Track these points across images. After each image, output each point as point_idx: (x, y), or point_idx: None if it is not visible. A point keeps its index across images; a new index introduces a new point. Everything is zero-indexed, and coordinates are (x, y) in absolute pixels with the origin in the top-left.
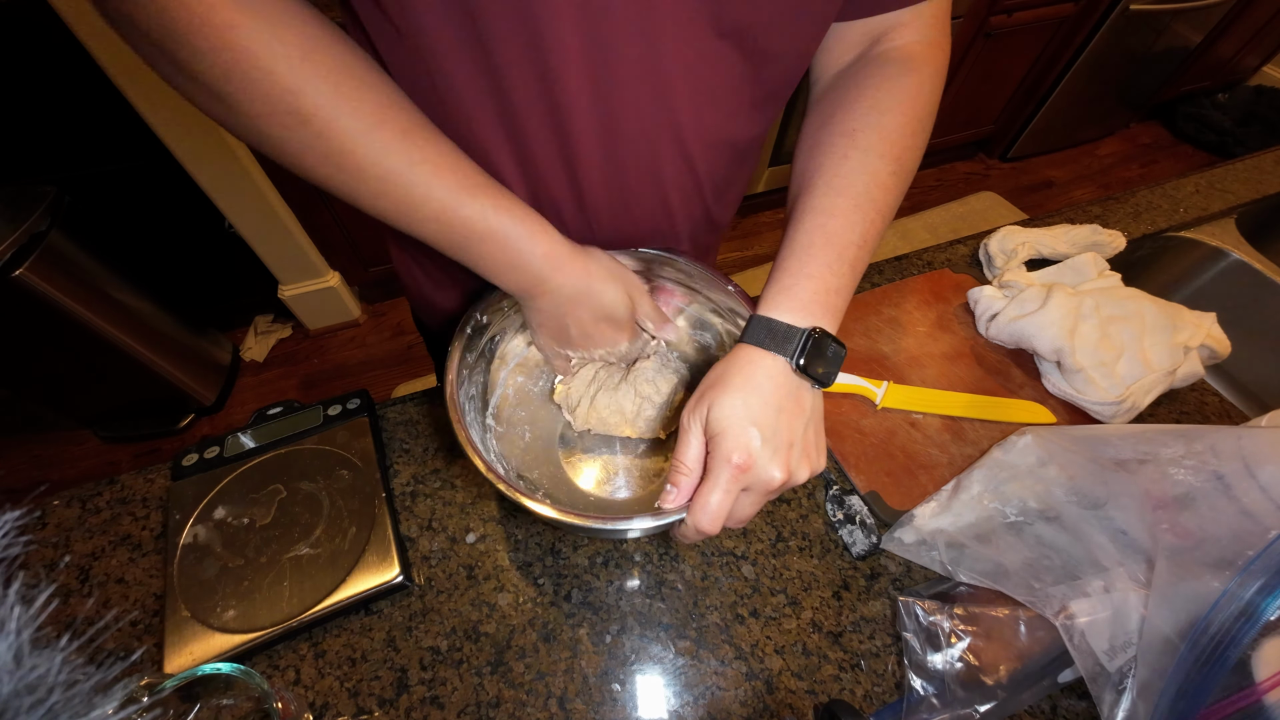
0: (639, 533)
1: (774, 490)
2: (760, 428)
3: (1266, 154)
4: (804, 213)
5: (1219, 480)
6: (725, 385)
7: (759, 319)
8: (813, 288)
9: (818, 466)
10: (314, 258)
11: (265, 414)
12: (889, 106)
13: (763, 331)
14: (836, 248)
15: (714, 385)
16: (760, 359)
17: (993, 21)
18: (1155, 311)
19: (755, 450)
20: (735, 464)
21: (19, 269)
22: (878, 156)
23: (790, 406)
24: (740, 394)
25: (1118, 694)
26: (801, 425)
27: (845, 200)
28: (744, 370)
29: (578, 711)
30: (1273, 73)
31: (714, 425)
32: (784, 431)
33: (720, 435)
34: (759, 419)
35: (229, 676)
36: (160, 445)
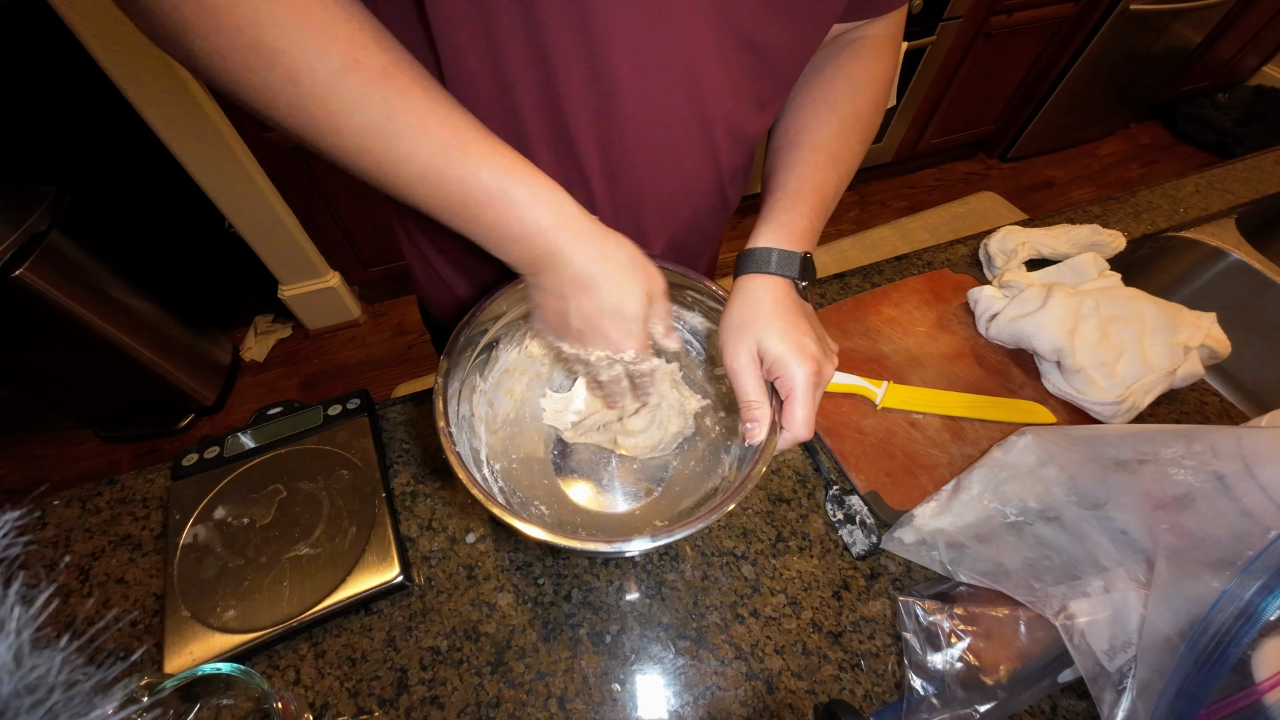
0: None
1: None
2: (809, 336)
3: (1266, 154)
4: (793, 164)
5: (1219, 480)
6: (759, 315)
7: (762, 250)
8: (802, 225)
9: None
10: (314, 258)
11: (265, 414)
12: (863, 85)
13: (768, 259)
14: (818, 196)
15: (747, 320)
16: (773, 283)
17: (993, 21)
18: (1155, 311)
19: (817, 354)
20: (810, 373)
21: (19, 269)
22: (851, 125)
23: (808, 313)
24: (778, 319)
25: (1117, 694)
26: (818, 325)
27: (824, 157)
28: (765, 296)
29: (578, 711)
30: (1273, 73)
31: (772, 352)
32: (814, 329)
33: (786, 359)
34: (804, 329)
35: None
36: (160, 445)
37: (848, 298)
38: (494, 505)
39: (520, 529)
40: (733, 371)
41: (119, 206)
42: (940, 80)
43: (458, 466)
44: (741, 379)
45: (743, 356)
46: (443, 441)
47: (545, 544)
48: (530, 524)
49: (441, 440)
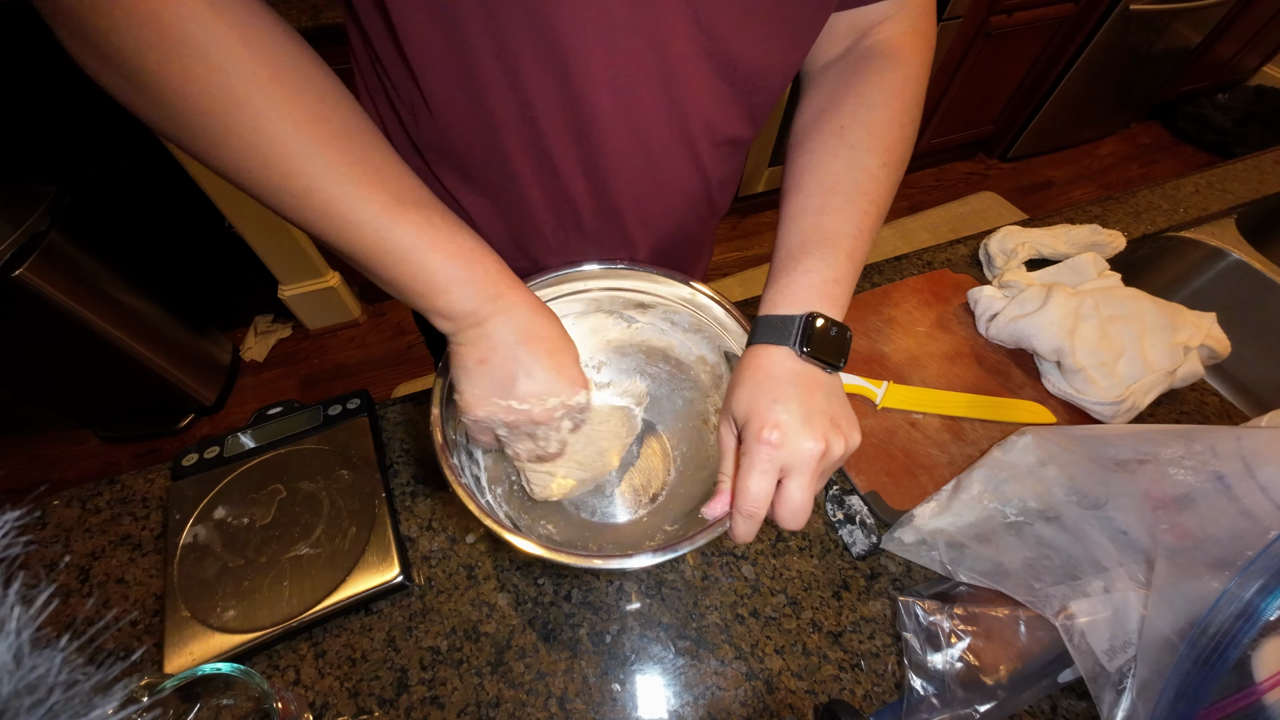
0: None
1: (815, 463)
2: (781, 402)
3: (1266, 154)
4: (797, 212)
5: (1219, 480)
6: (740, 383)
7: (759, 319)
8: (808, 281)
9: (852, 439)
10: (314, 258)
11: (265, 414)
12: (876, 102)
13: (764, 329)
14: (830, 242)
15: (731, 394)
16: (766, 352)
17: (993, 21)
18: (1155, 311)
19: (784, 422)
20: (766, 441)
21: (19, 269)
22: (866, 151)
23: (807, 383)
24: (753, 382)
25: (1117, 694)
26: (823, 397)
27: (837, 197)
28: (753, 365)
29: (578, 711)
30: (1273, 73)
31: (739, 415)
32: (807, 402)
33: (746, 421)
34: (779, 395)
35: (229, 676)
36: (160, 445)
37: None
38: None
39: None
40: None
41: (119, 206)
42: (940, 80)
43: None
44: (721, 450)
45: (724, 427)
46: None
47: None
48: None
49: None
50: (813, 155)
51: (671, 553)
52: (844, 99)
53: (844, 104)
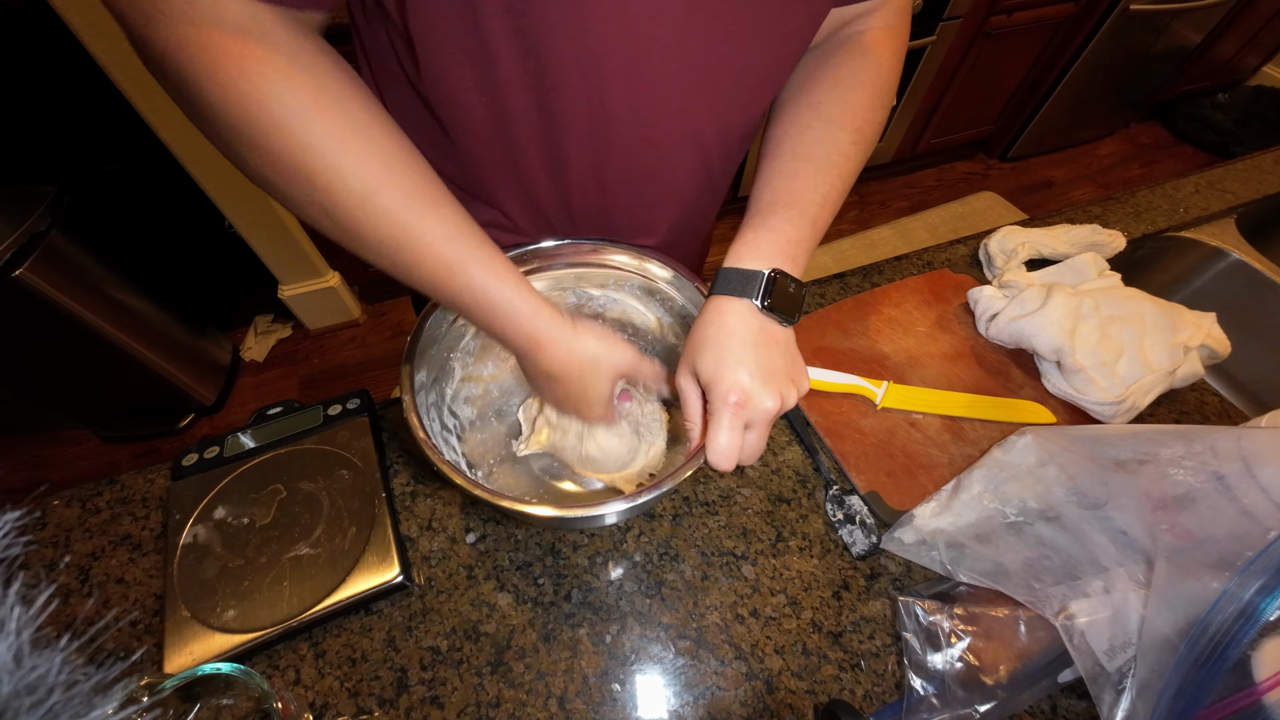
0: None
1: (772, 417)
2: (744, 365)
3: (1266, 154)
4: (770, 176)
5: (1219, 481)
6: (704, 340)
7: (724, 270)
8: (773, 239)
9: (803, 388)
10: (314, 258)
11: (265, 414)
12: (852, 84)
13: (727, 280)
14: (799, 206)
15: (695, 344)
16: (728, 304)
17: (993, 21)
18: (1155, 311)
19: (747, 386)
20: (733, 403)
21: (19, 269)
22: (839, 127)
23: (764, 341)
24: (719, 343)
25: (1117, 694)
26: (779, 355)
27: (808, 165)
28: (716, 320)
29: (578, 711)
30: (1273, 73)
31: (704, 376)
32: (766, 363)
33: (712, 383)
34: (741, 358)
35: (229, 676)
36: (160, 445)
37: (848, 298)
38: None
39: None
40: (679, 391)
41: (119, 206)
42: (940, 80)
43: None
44: (684, 400)
45: (682, 376)
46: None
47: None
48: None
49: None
50: (789, 125)
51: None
52: (821, 78)
53: (821, 82)
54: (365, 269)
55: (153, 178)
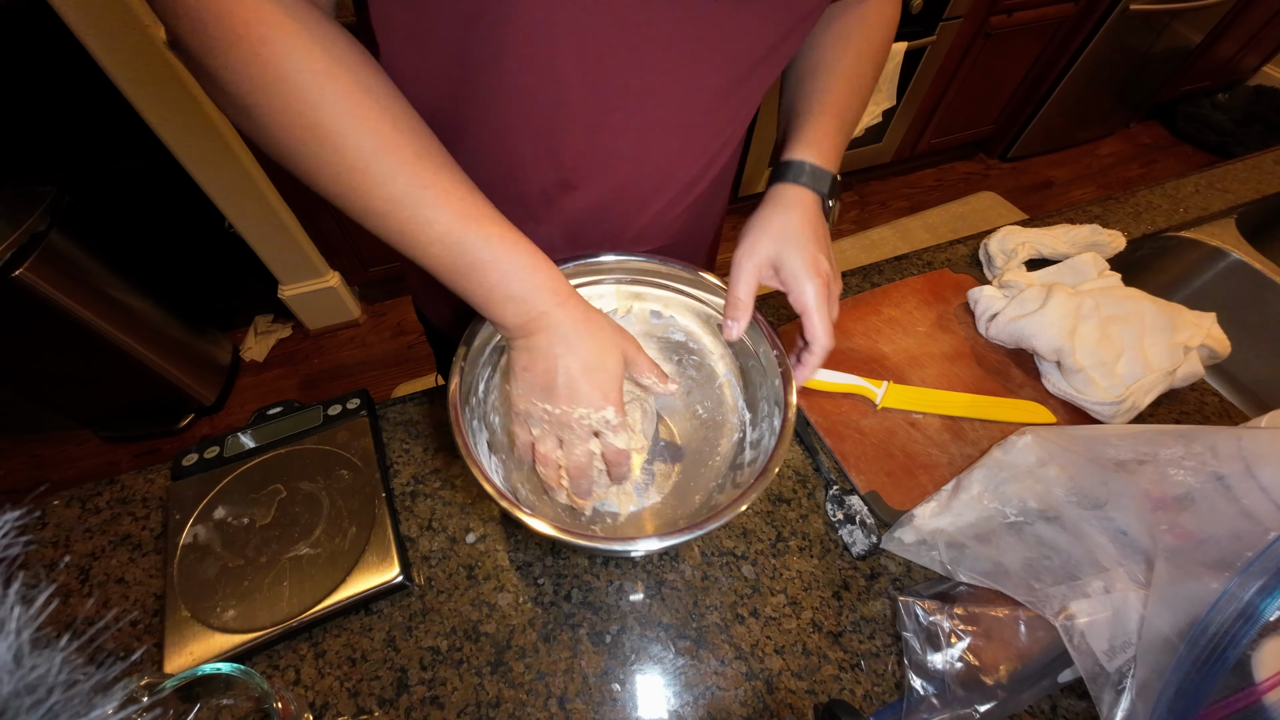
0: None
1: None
2: (823, 253)
3: (1266, 154)
4: (815, 90)
5: (1219, 481)
6: (786, 226)
7: (797, 162)
8: (830, 144)
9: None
10: (314, 258)
11: (265, 414)
12: (875, 23)
13: (803, 171)
14: (840, 119)
15: (774, 228)
16: (803, 195)
17: (993, 21)
18: (1155, 311)
19: (828, 272)
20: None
21: (19, 269)
22: (867, 58)
23: (824, 233)
24: (799, 235)
25: (1117, 694)
26: (830, 248)
27: (844, 84)
28: (795, 207)
29: (578, 711)
30: (1273, 73)
31: (789, 265)
32: (828, 253)
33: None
34: (821, 248)
35: (229, 676)
36: (160, 445)
37: (848, 298)
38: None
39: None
40: (736, 265)
41: (119, 206)
42: (940, 80)
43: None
44: (739, 275)
45: (753, 258)
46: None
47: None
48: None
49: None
50: (825, 52)
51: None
52: (847, 18)
53: (848, 17)
54: (365, 269)
55: (153, 178)
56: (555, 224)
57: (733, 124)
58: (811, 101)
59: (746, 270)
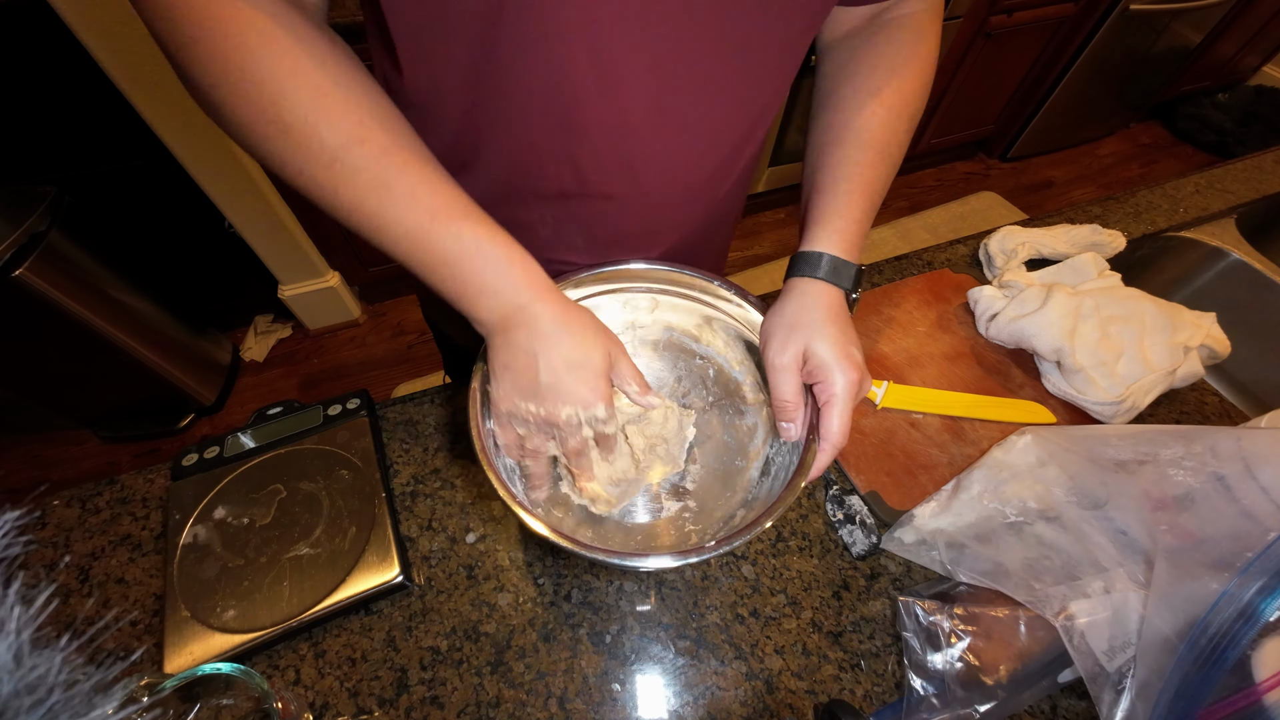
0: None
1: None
2: (854, 346)
3: (1266, 154)
4: (841, 161)
5: (1219, 481)
6: (813, 320)
7: (816, 254)
8: (855, 230)
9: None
10: (314, 258)
11: (265, 414)
12: (906, 72)
13: (828, 267)
14: (869, 195)
15: (801, 322)
16: (828, 292)
17: (993, 21)
18: (1155, 311)
19: (860, 365)
20: (853, 381)
21: (19, 269)
22: (898, 115)
23: (852, 326)
24: (830, 325)
25: (1116, 694)
26: (857, 337)
27: (874, 154)
28: (820, 302)
29: (578, 711)
30: (1273, 73)
31: (821, 356)
32: (857, 342)
33: (830, 365)
34: (852, 339)
35: (229, 676)
36: (160, 445)
37: None
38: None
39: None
40: (775, 368)
41: (119, 206)
42: (940, 80)
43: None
44: (782, 376)
45: (788, 355)
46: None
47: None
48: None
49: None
50: (853, 113)
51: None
52: (878, 64)
53: (878, 69)
54: (365, 268)
55: (153, 178)
56: (575, 223)
57: (751, 121)
58: (837, 175)
59: (788, 371)
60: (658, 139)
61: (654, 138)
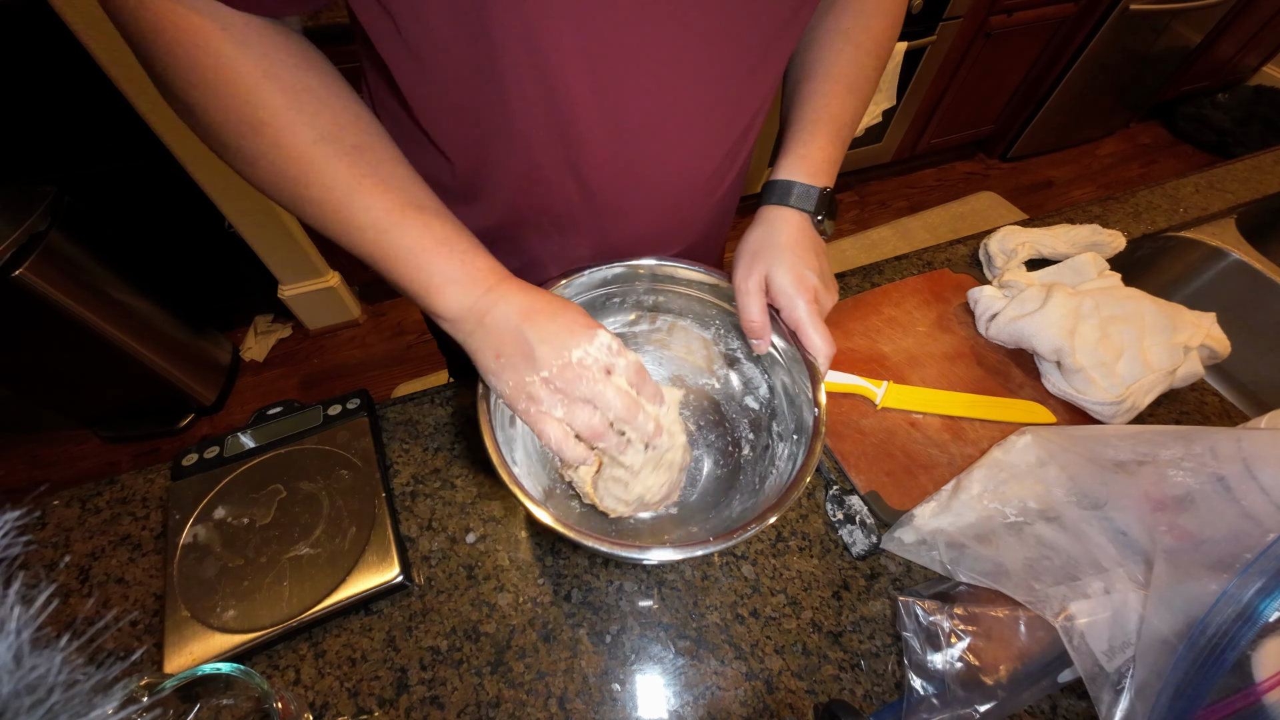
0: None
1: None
2: (811, 269)
3: (1266, 154)
4: (808, 95)
5: (1219, 482)
6: (772, 245)
7: (783, 181)
8: (820, 156)
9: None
10: (314, 258)
11: (265, 414)
12: (874, 11)
13: (784, 192)
14: (835, 125)
15: (762, 249)
16: (789, 216)
17: (993, 21)
18: (1155, 311)
19: (815, 285)
20: (808, 302)
21: (19, 269)
22: (866, 53)
23: (817, 248)
24: (787, 252)
25: (1116, 694)
26: (825, 262)
27: (840, 86)
28: (780, 229)
29: (578, 711)
30: (1273, 73)
31: (777, 283)
32: (822, 268)
33: (785, 289)
34: (809, 263)
35: (229, 676)
36: (160, 445)
37: (848, 298)
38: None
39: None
40: (739, 291)
41: (119, 206)
42: (940, 80)
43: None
44: (745, 299)
45: (751, 281)
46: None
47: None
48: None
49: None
50: (822, 50)
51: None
52: (847, 5)
53: (847, 9)
54: (365, 269)
55: (153, 178)
56: (582, 234)
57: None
58: (805, 108)
59: (751, 294)
60: (657, 138)
61: (654, 137)
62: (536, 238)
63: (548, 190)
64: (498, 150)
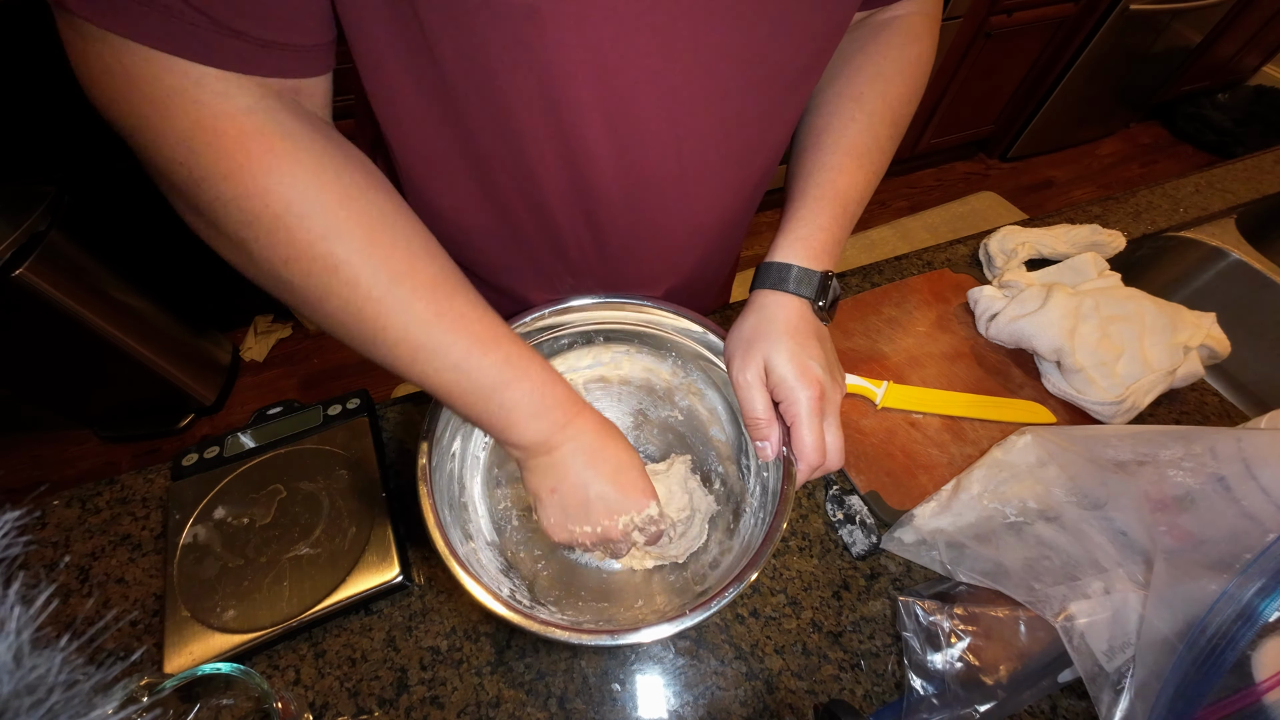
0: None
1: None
2: (815, 359)
3: (1266, 154)
4: (814, 168)
5: (1219, 482)
6: (769, 333)
7: (781, 265)
8: (823, 238)
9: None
10: None
11: (265, 414)
12: (893, 75)
13: (786, 276)
14: (842, 202)
15: (758, 337)
16: (788, 302)
17: (993, 21)
18: (1155, 311)
19: (821, 379)
20: (813, 397)
21: (19, 269)
22: (880, 121)
23: (821, 335)
24: (787, 339)
25: (1115, 694)
26: (830, 349)
27: (851, 160)
28: (778, 315)
29: (578, 711)
30: (1273, 73)
31: (778, 373)
32: (827, 357)
33: (787, 380)
34: (811, 353)
35: (229, 676)
36: (160, 445)
37: (848, 298)
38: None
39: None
40: (738, 386)
41: (119, 206)
42: (940, 80)
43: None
44: (746, 394)
45: (749, 373)
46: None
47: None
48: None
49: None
50: (831, 117)
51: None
52: (863, 67)
53: (863, 72)
54: None
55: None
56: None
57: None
58: (809, 181)
59: (751, 387)
60: (675, 188)
61: (673, 186)
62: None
63: (559, 237)
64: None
